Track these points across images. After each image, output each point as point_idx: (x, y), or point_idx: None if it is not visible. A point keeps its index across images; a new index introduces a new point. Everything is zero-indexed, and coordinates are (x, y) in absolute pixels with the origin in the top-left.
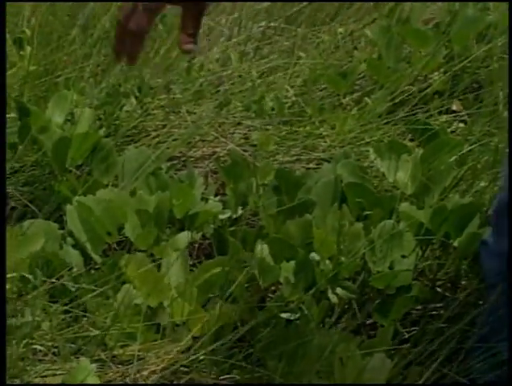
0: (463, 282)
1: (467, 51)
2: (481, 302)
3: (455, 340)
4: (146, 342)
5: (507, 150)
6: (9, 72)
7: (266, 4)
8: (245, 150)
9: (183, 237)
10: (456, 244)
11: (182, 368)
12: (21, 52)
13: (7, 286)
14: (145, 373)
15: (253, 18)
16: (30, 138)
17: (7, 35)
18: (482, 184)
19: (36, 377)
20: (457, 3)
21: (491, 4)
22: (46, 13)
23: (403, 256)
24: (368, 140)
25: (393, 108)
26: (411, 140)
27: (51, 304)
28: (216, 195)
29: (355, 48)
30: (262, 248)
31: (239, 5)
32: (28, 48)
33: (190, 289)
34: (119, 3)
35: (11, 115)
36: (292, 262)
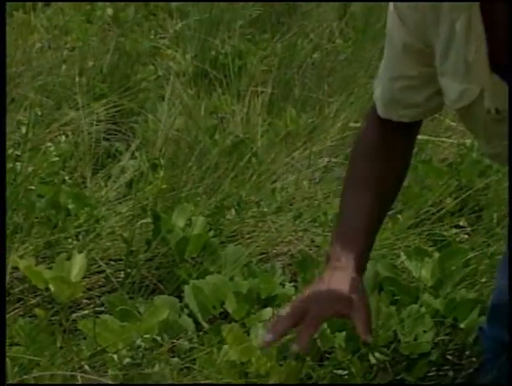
0: (467, 353)
1: (471, 183)
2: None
3: None
4: None
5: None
6: (146, 189)
7: (328, 144)
8: (311, 250)
9: (267, 312)
10: (462, 325)
11: None
12: (155, 175)
13: (143, 344)
14: None
15: (319, 154)
16: (160, 237)
17: (146, 162)
18: (483, 281)
19: None
20: (465, 149)
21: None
22: (173, 146)
23: (424, 332)
24: (399, 246)
25: (418, 223)
26: (431, 246)
27: (172, 358)
28: (290, 282)
29: None
30: None
31: (308, 145)
32: (161, 172)
33: (271, 350)
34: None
35: (148, 220)
36: (344, 332)
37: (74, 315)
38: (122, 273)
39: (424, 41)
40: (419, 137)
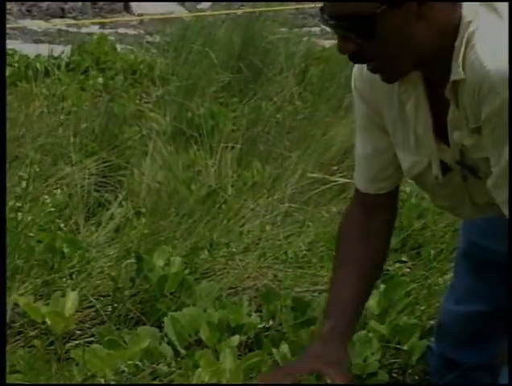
0: (410, 371)
1: (411, 224)
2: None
3: None
4: None
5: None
6: (130, 233)
7: (288, 192)
8: (274, 284)
9: (235, 339)
10: (405, 348)
11: None
12: (139, 221)
13: (126, 369)
14: None
15: (280, 201)
16: (143, 275)
17: (131, 210)
18: (422, 308)
19: None
20: (406, 195)
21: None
22: (155, 196)
23: (372, 354)
24: None
25: None
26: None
27: (153, 381)
28: (256, 312)
29: None
30: (284, 347)
31: (271, 192)
32: (143, 219)
33: (238, 372)
34: None
35: (132, 261)
36: None
37: (68, 345)
38: (110, 307)
39: (378, 112)
40: None
